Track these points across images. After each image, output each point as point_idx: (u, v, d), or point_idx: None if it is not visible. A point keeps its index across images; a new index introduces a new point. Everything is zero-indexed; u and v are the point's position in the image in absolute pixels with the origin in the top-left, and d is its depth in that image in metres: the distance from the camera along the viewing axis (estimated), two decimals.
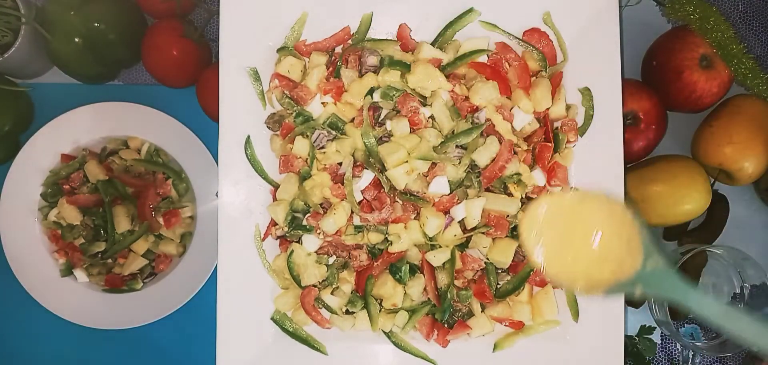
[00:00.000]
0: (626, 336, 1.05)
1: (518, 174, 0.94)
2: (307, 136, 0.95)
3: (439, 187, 0.91)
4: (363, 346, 0.98)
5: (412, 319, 0.96)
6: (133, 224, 1.11)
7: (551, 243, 0.72)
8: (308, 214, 0.94)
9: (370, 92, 0.94)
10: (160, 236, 1.12)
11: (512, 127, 0.94)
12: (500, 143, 0.92)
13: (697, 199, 1.02)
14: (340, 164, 0.94)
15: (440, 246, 0.93)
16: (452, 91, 0.94)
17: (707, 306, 0.65)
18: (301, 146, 0.94)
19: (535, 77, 0.99)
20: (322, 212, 0.94)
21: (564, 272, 0.73)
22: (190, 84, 1.13)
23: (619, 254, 0.70)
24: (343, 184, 0.93)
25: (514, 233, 0.94)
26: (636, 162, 1.09)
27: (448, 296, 0.95)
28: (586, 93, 0.97)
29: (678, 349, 1.12)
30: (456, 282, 0.96)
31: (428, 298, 0.96)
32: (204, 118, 1.12)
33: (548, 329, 0.97)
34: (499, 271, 0.96)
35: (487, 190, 0.94)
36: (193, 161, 1.12)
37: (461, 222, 0.93)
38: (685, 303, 0.66)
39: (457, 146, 0.93)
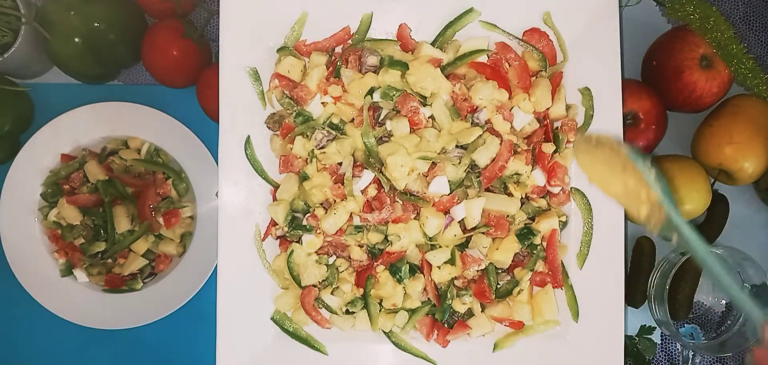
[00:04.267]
0: (626, 336, 1.05)
1: (518, 174, 0.94)
2: (307, 136, 0.95)
3: (439, 187, 0.91)
4: (363, 346, 0.98)
5: (412, 319, 0.95)
6: (133, 224, 1.11)
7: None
8: (308, 214, 0.94)
9: (370, 91, 0.94)
10: (160, 236, 1.12)
11: (512, 127, 0.95)
12: (500, 143, 0.92)
13: (697, 199, 1.02)
14: (340, 164, 0.94)
15: (440, 246, 0.93)
16: (452, 91, 0.94)
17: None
18: (301, 146, 0.94)
19: (535, 77, 0.98)
20: (323, 212, 0.94)
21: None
22: (190, 84, 1.13)
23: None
24: (343, 184, 0.93)
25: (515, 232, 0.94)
26: None
27: (448, 296, 0.94)
28: (586, 93, 0.97)
29: (678, 349, 1.11)
30: (456, 282, 0.96)
31: (428, 298, 0.96)
32: (204, 118, 1.12)
33: (548, 329, 0.97)
34: (499, 271, 0.96)
35: (487, 190, 0.94)
36: (193, 161, 1.12)
37: (461, 222, 0.93)
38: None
39: (457, 146, 0.93)
